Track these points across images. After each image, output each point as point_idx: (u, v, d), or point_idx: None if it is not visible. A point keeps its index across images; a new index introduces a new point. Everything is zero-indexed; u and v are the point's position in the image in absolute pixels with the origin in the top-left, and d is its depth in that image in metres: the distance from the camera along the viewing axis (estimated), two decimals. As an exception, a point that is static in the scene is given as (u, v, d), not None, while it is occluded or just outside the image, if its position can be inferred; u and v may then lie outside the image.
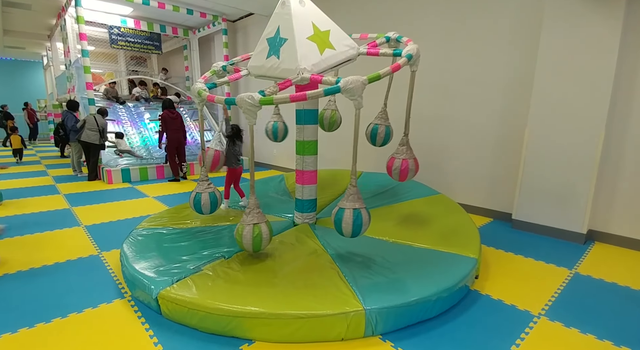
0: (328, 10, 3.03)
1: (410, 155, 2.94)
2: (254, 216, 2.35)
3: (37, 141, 13.53)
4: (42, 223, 3.85)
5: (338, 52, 2.65)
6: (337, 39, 2.67)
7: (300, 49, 2.54)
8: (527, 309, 2.20)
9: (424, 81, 4.40)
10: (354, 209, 2.27)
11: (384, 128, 3.32)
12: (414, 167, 2.94)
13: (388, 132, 3.34)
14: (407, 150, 2.93)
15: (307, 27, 2.55)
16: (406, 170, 2.90)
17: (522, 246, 3.24)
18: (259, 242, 2.35)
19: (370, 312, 1.86)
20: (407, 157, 2.90)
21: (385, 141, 3.37)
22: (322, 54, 2.60)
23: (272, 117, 3.88)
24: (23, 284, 2.48)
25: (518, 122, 3.77)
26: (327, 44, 2.62)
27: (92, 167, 6.28)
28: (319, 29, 2.60)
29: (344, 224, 2.26)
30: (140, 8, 7.00)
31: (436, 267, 2.38)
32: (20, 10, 7.38)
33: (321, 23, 2.64)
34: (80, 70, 6.58)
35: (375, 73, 2.18)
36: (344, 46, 2.69)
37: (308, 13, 2.60)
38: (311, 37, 2.56)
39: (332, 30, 2.67)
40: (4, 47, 11.48)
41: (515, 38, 3.74)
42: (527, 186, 3.62)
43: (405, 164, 2.90)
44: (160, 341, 1.86)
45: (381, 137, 3.33)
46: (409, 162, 2.91)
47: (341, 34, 2.72)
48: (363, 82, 2.09)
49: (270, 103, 2.18)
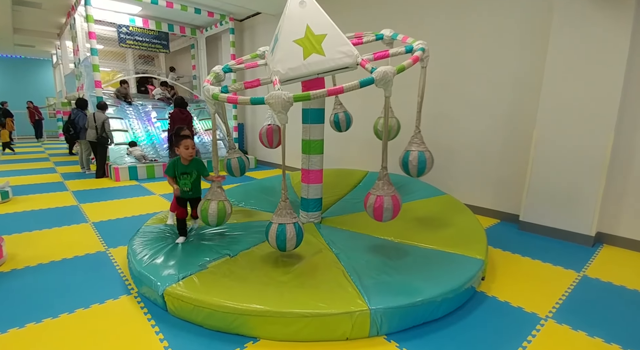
0: (333, 11, 3.02)
1: (389, 191, 2.41)
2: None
3: (44, 139, 13.65)
4: (50, 219, 3.90)
5: (327, 58, 2.45)
6: (331, 44, 2.45)
7: (280, 51, 2.52)
8: (534, 312, 2.17)
9: (430, 80, 4.35)
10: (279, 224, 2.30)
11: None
12: (390, 206, 2.38)
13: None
14: (384, 185, 2.41)
15: (298, 30, 2.49)
16: (380, 209, 2.39)
17: (529, 248, 3.21)
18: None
19: (375, 312, 1.85)
20: (383, 193, 2.40)
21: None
22: (306, 58, 2.49)
23: (333, 109, 3.77)
24: (31, 280, 2.51)
25: (526, 122, 3.74)
26: (316, 48, 2.47)
27: (99, 164, 6.34)
28: (312, 32, 2.47)
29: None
30: (149, 7, 7.05)
31: (442, 268, 2.36)
32: (31, 8, 7.48)
33: (318, 26, 2.47)
34: (89, 68, 6.65)
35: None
36: (338, 53, 2.45)
37: (305, 15, 2.49)
38: (299, 40, 2.49)
39: (330, 35, 2.46)
40: (14, 45, 11.65)
41: (523, 37, 3.70)
42: (535, 187, 3.59)
43: (380, 201, 2.40)
44: (166, 337, 1.87)
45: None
46: (384, 200, 2.38)
47: (340, 40, 2.47)
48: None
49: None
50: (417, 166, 2.79)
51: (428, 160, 2.79)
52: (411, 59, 2.36)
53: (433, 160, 2.83)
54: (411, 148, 2.80)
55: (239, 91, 3.09)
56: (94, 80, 6.43)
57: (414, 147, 2.79)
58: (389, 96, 2.29)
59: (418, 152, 2.77)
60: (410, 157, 2.80)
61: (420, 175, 2.85)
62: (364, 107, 4.83)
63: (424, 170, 2.82)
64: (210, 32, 8.58)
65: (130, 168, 6.27)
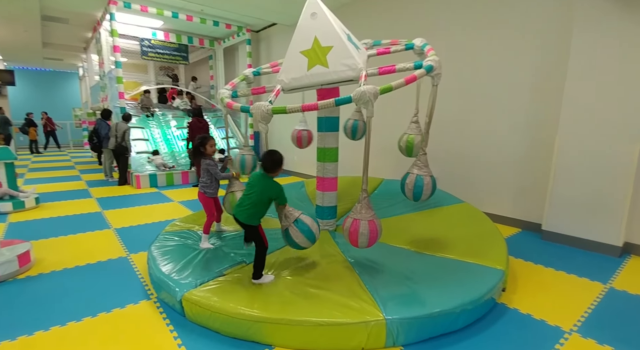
0: (347, 17, 3.04)
1: (366, 215, 2.20)
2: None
3: (63, 148, 14.03)
4: (75, 225, 4.04)
5: (330, 70, 2.46)
6: (336, 57, 2.44)
7: (287, 61, 2.64)
8: (558, 325, 2.09)
9: (448, 86, 4.33)
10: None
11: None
12: (366, 231, 2.16)
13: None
14: (362, 209, 2.22)
15: (306, 40, 2.54)
16: (355, 234, 2.19)
17: (552, 258, 3.10)
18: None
19: (391, 322, 1.83)
20: (360, 217, 2.20)
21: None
22: (310, 69, 2.53)
23: (352, 115, 3.68)
24: (56, 284, 2.61)
25: (547, 128, 3.65)
26: (321, 60, 2.49)
27: (120, 172, 6.55)
28: (319, 44, 2.49)
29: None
30: (170, 21, 7.32)
31: (460, 278, 2.31)
32: (59, 24, 7.87)
33: (326, 38, 2.47)
34: (113, 80, 6.92)
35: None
36: (342, 66, 2.43)
37: (314, 26, 2.52)
38: (306, 51, 2.55)
39: (336, 47, 2.44)
40: (44, 59, 12.25)
41: (543, 40, 3.63)
42: (557, 196, 3.48)
43: (355, 225, 2.19)
44: (184, 343, 1.90)
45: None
46: (360, 224, 2.17)
47: (345, 52, 2.42)
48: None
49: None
50: (413, 190, 2.66)
51: (426, 186, 2.63)
52: (405, 79, 2.20)
53: (434, 186, 2.66)
54: (412, 171, 2.69)
55: (247, 97, 3.23)
56: (117, 92, 6.68)
57: (415, 170, 2.68)
58: (371, 116, 2.12)
59: (416, 175, 2.65)
60: (407, 180, 2.69)
61: (417, 200, 2.70)
62: (381, 115, 4.83)
63: (420, 196, 2.66)
64: (227, 44, 8.80)
65: (151, 176, 6.44)
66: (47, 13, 7.05)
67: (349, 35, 2.61)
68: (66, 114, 15.20)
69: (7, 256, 2.67)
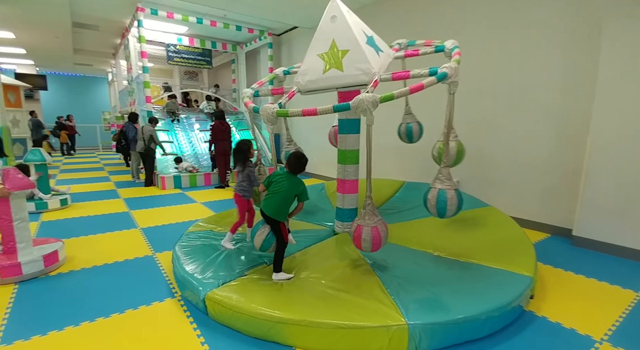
0: (372, 17, 3.02)
1: (370, 221, 2.22)
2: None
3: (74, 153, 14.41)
4: (104, 225, 4.20)
5: (345, 74, 2.46)
6: (352, 61, 2.43)
7: (305, 63, 2.67)
8: (588, 334, 2.00)
9: (472, 85, 4.26)
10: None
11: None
12: (369, 238, 2.21)
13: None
14: (365, 215, 2.24)
15: (324, 43, 2.55)
16: (358, 239, 2.26)
17: (583, 265, 2.97)
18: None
19: (413, 327, 1.80)
20: (363, 223, 2.24)
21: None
22: (326, 72, 2.54)
23: (403, 119, 3.51)
24: (86, 281, 2.72)
25: (576, 129, 3.50)
26: (336, 64, 2.49)
27: (147, 173, 6.77)
28: (336, 47, 2.49)
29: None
30: (194, 26, 7.52)
31: (486, 284, 2.24)
32: (89, 31, 8.24)
33: (343, 41, 2.46)
34: (140, 85, 7.17)
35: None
36: (356, 70, 2.41)
37: (333, 29, 2.53)
38: (323, 54, 2.57)
39: (352, 51, 2.43)
40: (74, 64, 12.84)
41: (571, 35, 3.49)
42: (589, 200, 3.33)
43: (359, 231, 2.25)
44: (207, 341, 1.94)
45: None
46: (363, 231, 2.23)
47: (360, 56, 2.40)
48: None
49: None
50: (436, 206, 2.46)
51: (450, 200, 2.41)
52: (409, 87, 2.12)
53: (460, 200, 2.44)
54: (434, 185, 2.50)
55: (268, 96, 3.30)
56: (144, 96, 6.91)
57: (437, 184, 2.48)
58: (370, 124, 2.11)
59: (439, 190, 2.45)
60: (429, 196, 2.49)
61: (442, 216, 2.51)
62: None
63: (444, 211, 2.46)
64: (249, 48, 8.95)
65: (175, 177, 6.62)
66: (78, 20, 7.39)
67: (371, 38, 2.59)
68: (96, 118, 15.85)
69: (34, 256, 2.78)
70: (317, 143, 7.13)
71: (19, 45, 9.63)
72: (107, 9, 6.78)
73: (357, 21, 2.62)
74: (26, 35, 8.55)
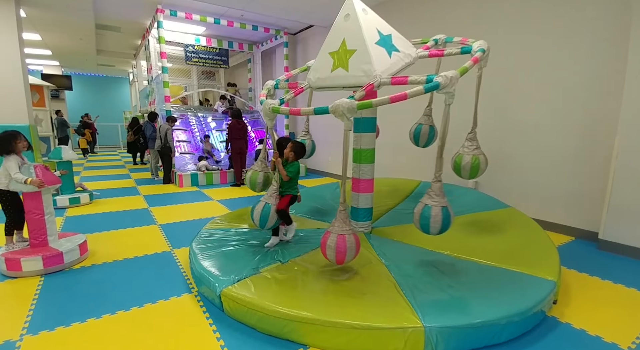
0: (391, 12, 2.98)
1: (339, 229, 2.18)
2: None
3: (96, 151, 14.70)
4: (125, 220, 4.31)
5: (349, 74, 2.45)
6: (357, 61, 2.41)
7: (317, 60, 2.69)
8: (615, 342, 1.92)
9: (495, 81, 4.15)
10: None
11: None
12: (333, 245, 2.15)
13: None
14: (336, 222, 2.21)
15: (335, 42, 2.55)
16: (323, 246, 2.22)
17: (610, 270, 2.85)
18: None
19: (430, 330, 1.76)
20: (331, 230, 2.20)
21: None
22: (333, 71, 2.54)
23: (419, 119, 3.49)
24: (107, 274, 2.79)
25: (604, 128, 3.36)
26: (343, 63, 2.48)
27: (165, 171, 6.91)
28: (345, 46, 2.47)
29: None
30: (212, 27, 7.62)
31: (507, 287, 2.18)
32: (112, 32, 8.47)
33: (352, 41, 2.44)
34: (159, 85, 7.32)
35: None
36: (359, 71, 2.39)
37: (345, 28, 2.52)
38: (333, 53, 2.57)
39: (358, 51, 2.40)
40: (98, 65, 13.25)
41: (599, 34, 3.35)
42: (617, 202, 3.19)
43: (325, 238, 2.21)
44: (222, 337, 1.96)
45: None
46: (329, 237, 2.19)
47: (365, 57, 2.37)
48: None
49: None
50: (419, 221, 2.28)
51: (434, 218, 2.21)
52: (390, 97, 2.00)
53: (446, 218, 2.23)
54: (423, 199, 2.29)
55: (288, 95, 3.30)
56: (164, 96, 7.05)
57: (426, 199, 2.27)
58: (348, 130, 2.12)
59: (424, 205, 2.25)
60: (415, 209, 2.32)
61: (427, 233, 2.31)
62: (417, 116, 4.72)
63: (427, 228, 2.28)
64: (265, 47, 9.01)
65: (192, 175, 6.74)
66: (101, 22, 7.61)
67: (387, 36, 2.54)
68: (118, 117, 16.31)
69: (68, 246, 2.92)
70: (332, 142, 7.12)
71: (45, 47, 9.99)
72: (128, 10, 6.95)
73: (373, 19, 2.58)
74: (52, 37, 8.86)
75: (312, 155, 3.63)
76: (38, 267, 2.73)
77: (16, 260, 2.69)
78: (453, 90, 2.04)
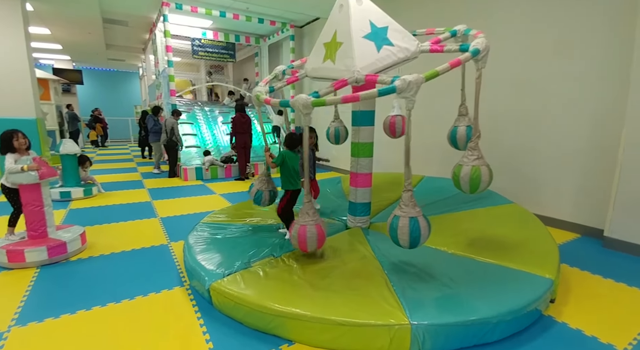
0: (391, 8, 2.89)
1: (301, 219, 2.31)
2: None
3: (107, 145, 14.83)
4: (127, 213, 4.36)
5: (334, 67, 2.45)
6: (342, 55, 2.39)
7: (314, 50, 2.71)
8: (611, 343, 1.85)
9: (503, 75, 4.03)
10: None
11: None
12: (296, 234, 2.32)
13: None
14: (302, 213, 2.33)
15: (329, 33, 2.56)
16: (290, 235, 2.40)
17: (613, 268, 2.75)
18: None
19: (416, 327, 1.72)
20: (297, 220, 2.36)
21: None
22: (323, 62, 2.58)
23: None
24: (102, 267, 2.82)
25: (613, 123, 3.22)
26: (331, 56, 2.49)
27: (170, 165, 6.97)
28: (335, 39, 2.47)
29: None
30: (218, 20, 7.60)
31: (501, 285, 2.12)
32: (119, 26, 8.54)
33: (341, 33, 2.43)
34: (166, 78, 7.36)
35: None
36: (342, 65, 2.37)
37: (337, 20, 2.50)
38: (325, 44, 2.58)
39: (344, 45, 2.38)
40: (108, 60, 13.41)
41: (610, 23, 3.20)
42: (623, 198, 3.07)
43: (292, 227, 2.40)
44: (208, 330, 1.95)
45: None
46: (294, 227, 2.36)
47: (348, 51, 2.33)
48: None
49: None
50: (389, 231, 2.15)
51: (401, 229, 2.06)
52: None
53: (414, 230, 2.05)
54: (396, 212, 2.14)
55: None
56: (170, 89, 7.09)
57: (396, 209, 2.14)
58: (307, 125, 2.21)
59: (394, 216, 2.12)
60: (388, 218, 2.19)
61: (396, 243, 2.17)
62: (423, 109, 4.61)
63: (396, 240, 2.14)
64: (272, 40, 8.96)
65: (197, 169, 6.78)
66: (108, 16, 7.67)
67: (382, 29, 2.42)
68: (128, 111, 16.52)
69: (70, 236, 2.98)
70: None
71: (55, 41, 10.14)
72: (134, 4, 6.97)
73: (368, 10, 2.49)
74: (60, 31, 8.97)
75: (344, 140, 3.80)
76: (42, 257, 2.78)
77: (19, 251, 2.73)
78: (412, 95, 1.90)
